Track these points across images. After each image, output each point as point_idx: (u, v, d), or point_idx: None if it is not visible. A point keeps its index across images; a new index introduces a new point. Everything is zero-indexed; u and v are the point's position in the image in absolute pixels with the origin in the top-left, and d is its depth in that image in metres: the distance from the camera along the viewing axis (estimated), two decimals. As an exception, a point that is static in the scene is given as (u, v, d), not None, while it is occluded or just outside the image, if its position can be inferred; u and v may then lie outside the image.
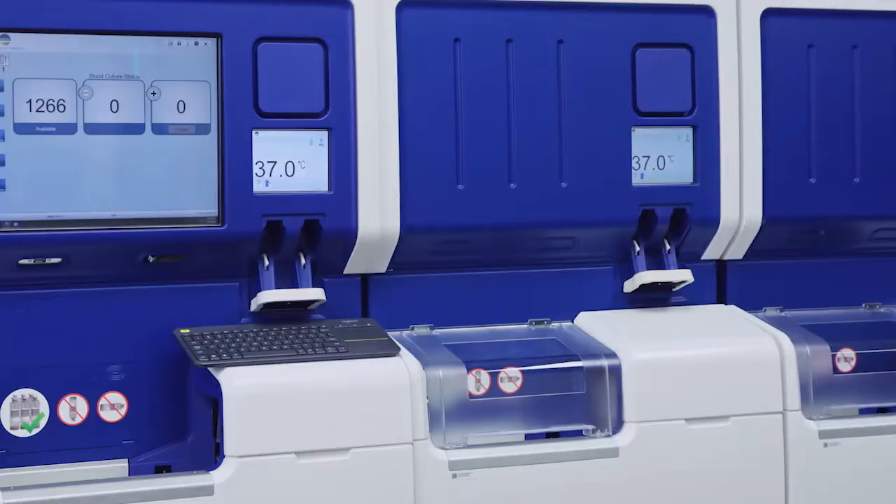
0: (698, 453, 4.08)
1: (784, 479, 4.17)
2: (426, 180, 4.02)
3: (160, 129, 3.78)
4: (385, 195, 3.96)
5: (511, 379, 4.03)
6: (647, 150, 4.24)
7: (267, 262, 3.90)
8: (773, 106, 4.35)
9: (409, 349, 3.93)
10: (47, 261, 3.71)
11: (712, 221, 4.30)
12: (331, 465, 3.72)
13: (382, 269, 4.05)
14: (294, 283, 3.92)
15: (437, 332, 4.13)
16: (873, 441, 4.28)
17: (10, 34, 3.63)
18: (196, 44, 3.79)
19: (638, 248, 4.28)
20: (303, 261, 3.93)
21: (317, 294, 3.91)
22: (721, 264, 4.44)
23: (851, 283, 4.56)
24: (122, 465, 3.82)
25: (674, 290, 4.34)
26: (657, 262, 4.30)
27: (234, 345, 3.77)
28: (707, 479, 4.09)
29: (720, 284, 4.44)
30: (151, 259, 3.81)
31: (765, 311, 4.44)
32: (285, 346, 3.80)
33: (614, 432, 4.05)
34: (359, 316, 4.04)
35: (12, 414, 3.74)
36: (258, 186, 3.85)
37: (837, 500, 4.24)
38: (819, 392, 4.24)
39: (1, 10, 3.61)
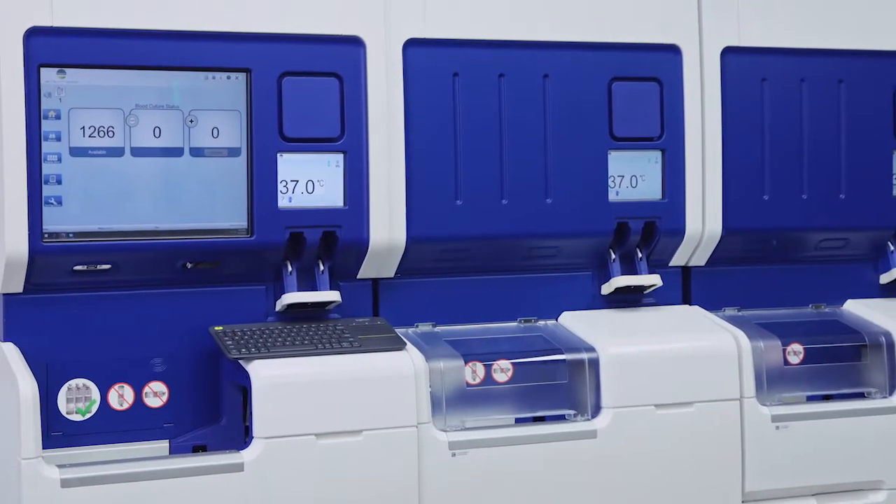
0: (666, 435, 4.09)
1: (741, 457, 4.18)
2: (429, 196, 4.03)
3: (197, 152, 3.79)
4: (393, 209, 3.97)
5: (503, 370, 4.04)
6: (622, 170, 4.25)
7: (290, 268, 3.91)
8: (732, 132, 4.36)
9: (413, 344, 3.95)
10: (98, 267, 3.73)
11: (678, 232, 4.32)
12: (345, 445, 3.74)
13: (390, 274, 4.06)
14: (313, 286, 3.93)
15: (438, 329, 4.13)
16: (819, 424, 4.29)
17: (67, 69, 3.64)
18: (228, 78, 3.81)
19: (613, 256, 4.29)
20: (321, 267, 3.93)
21: (333, 296, 3.91)
22: (686, 270, 4.45)
23: (799, 287, 4.56)
24: (163, 445, 3.83)
25: (644, 292, 4.35)
26: (630, 268, 4.30)
27: (261, 340, 3.78)
28: (673, 457, 4.10)
29: (685, 287, 4.45)
30: (189, 265, 3.83)
31: (724, 310, 4.45)
32: (306, 342, 3.81)
33: (593, 416, 4.06)
34: (370, 315, 4.05)
35: (68, 400, 3.75)
36: (282, 202, 3.86)
37: (787, 476, 4.26)
38: (771, 381, 4.26)
39: (58, 49, 3.62)
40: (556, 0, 4.15)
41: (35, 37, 3.60)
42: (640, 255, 4.30)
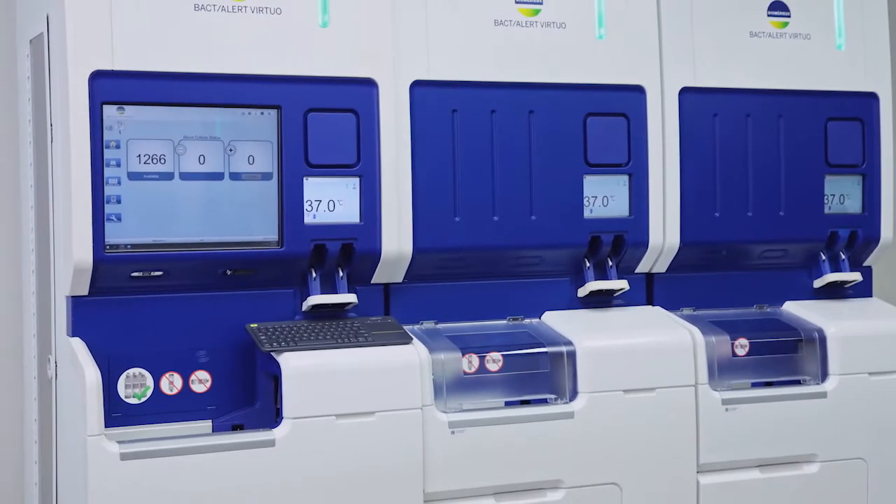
0: (633, 415, 4.09)
1: (696, 434, 4.18)
2: (432, 213, 4.04)
3: (235, 176, 3.80)
4: (401, 225, 3.98)
5: (494, 361, 4.05)
6: (595, 191, 4.25)
7: (314, 275, 3.91)
8: (688, 159, 4.36)
9: (418, 339, 3.96)
10: (152, 273, 3.74)
11: (643, 244, 4.32)
12: (361, 425, 3.74)
13: (399, 279, 4.06)
14: (334, 290, 3.93)
15: (439, 326, 4.14)
16: (762, 407, 4.29)
17: (125, 106, 3.66)
18: (262, 113, 3.82)
19: (588, 264, 4.29)
20: (340, 273, 3.93)
21: (351, 298, 3.92)
22: (649, 276, 4.44)
23: (745, 290, 4.56)
24: (206, 425, 3.84)
25: (614, 295, 4.35)
26: (602, 274, 4.30)
27: (290, 336, 3.79)
28: (639, 434, 4.11)
29: (649, 291, 4.45)
30: (229, 272, 3.84)
31: (682, 310, 4.45)
32: (328, 337, 3.82)
33: (570, 400, 4.06)
34: (382, 314, 4.06)
35: (126, 387, 3.76)
36: (308, 218, 3.87)
37: (735, 450, 4.26)
38: (721, 370, 4.27)
39: (118, 89, 3.64)
40: (540, 48, 4.16)
41: (98, 79, 3.61)
42: (610, 263, 4.30)
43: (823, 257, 4.61)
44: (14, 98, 4.28)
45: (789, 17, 4.52)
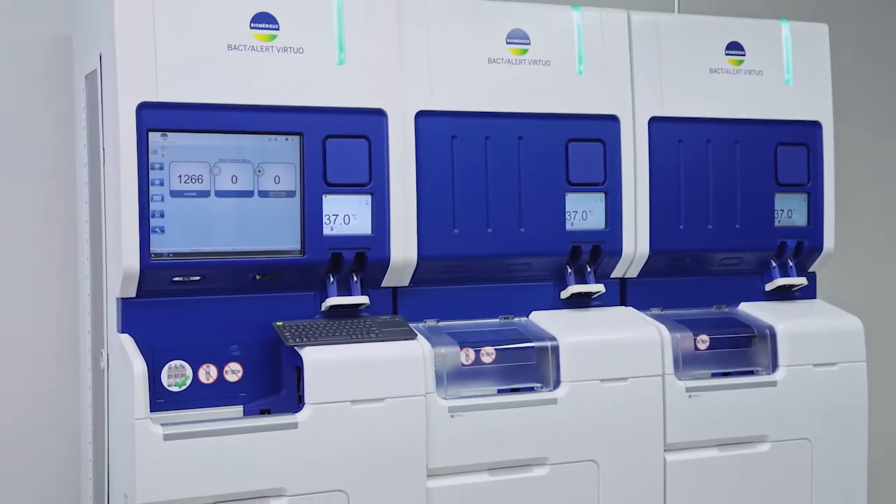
0: (607, 402, 4.11)
1: (663, 418, 4.20)
2: (434, 226, 4.05)
3: (263, 194, 3.81)
4: (408, 236, 3.99)
5: (488, 354, 4.06)
6: (576, 207, 4.26)
7: (331, 279, 3.92)
8: (656, 179, 4.38)
9: (422, 335, 3.97)
10: (191, 278, 3.75)
11: (617, 253, 4.33)
12: (373, 409, 3.76)
13: (406, 283, 4.07)
14: (349, 293, 3.94)
15: (441, 324, 4.15)
16: (720, 394, 4.30)
17: (168, 133, 3.68)
18: (286, 139, 3.83)
19: (569, 270, 4.30)
20: (354, 278, 3.95)
21: (363, 300, 3.94)
22: (623, 280, 4.45)
23: (706, 292, 4.56)
24: (238, 410, 3.85)
25: (592, 297, 4.36)
26: (582, 279, 4.32)
27: (311, 332, 3.81)
28: (614, 417, 4.12)
29: (622, 293, 4.45)
30: (258, 277, 3.85)
31: (651, 310, 4.46)
32: (344, 333, 3.84)
33: (554, 388, 4.08)
34: (390, 314, 4.06)
35: (168, 377, 3.78)
36: (326, 230, 3.88)
37: (698, 432, 4.27)
38: (685, 362, 4.29)
39: (162, 118, 3.66)
40: (527, 83, 4.18)
41: (145, 109, 3.64)
42: (589, 269, 4.32)
43: (774, 264, 4.63)
44: (72, 126, 4.31)
45: (744, 55, 4.54)
